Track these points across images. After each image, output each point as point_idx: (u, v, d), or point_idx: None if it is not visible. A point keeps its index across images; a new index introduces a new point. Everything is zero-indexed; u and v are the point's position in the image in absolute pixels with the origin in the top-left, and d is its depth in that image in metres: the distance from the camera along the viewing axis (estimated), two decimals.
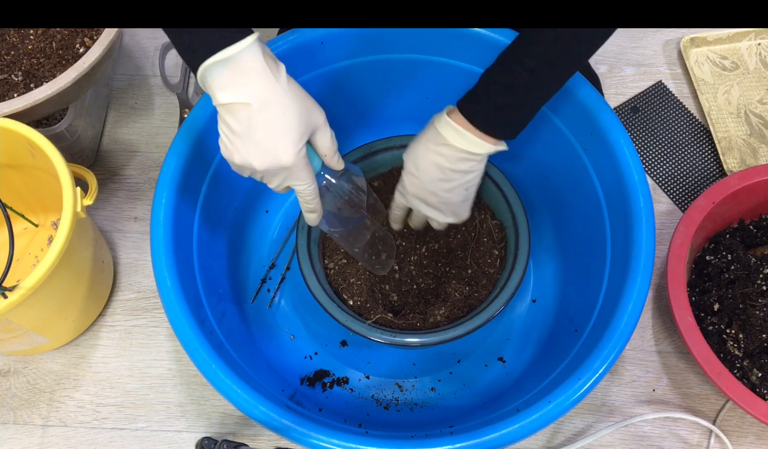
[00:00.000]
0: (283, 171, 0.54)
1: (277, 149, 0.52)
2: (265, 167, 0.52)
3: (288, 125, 0.51)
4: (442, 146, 0.60)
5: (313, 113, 0.55)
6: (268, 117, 0.50)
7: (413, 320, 0.70)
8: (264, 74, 0.50)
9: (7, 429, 0.74)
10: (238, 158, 0.53)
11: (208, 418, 0.74)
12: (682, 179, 0.88)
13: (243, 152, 0.52)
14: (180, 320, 0.60)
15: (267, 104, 0.50)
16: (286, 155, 0.52)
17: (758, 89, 0.92)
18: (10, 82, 0.75)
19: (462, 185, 0.63)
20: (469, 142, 0.59)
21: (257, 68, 0.50)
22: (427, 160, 0.62)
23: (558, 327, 0.74)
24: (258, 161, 0.52)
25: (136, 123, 0.91)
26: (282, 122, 0.51)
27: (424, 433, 0.58)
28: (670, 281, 0.69)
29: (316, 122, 0.55)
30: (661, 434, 0.73)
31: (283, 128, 0.51)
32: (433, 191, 0.64)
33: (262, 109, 0.50)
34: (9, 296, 0.59)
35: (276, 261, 0.81)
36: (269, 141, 0.51)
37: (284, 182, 0.56)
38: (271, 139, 0.51)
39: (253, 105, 0.50)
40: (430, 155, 0.62)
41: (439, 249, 0.75)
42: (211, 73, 0.49)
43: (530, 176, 0.80)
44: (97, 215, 0.85)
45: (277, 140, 0.51)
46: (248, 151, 0.52)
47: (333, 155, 0.59)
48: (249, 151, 0.52)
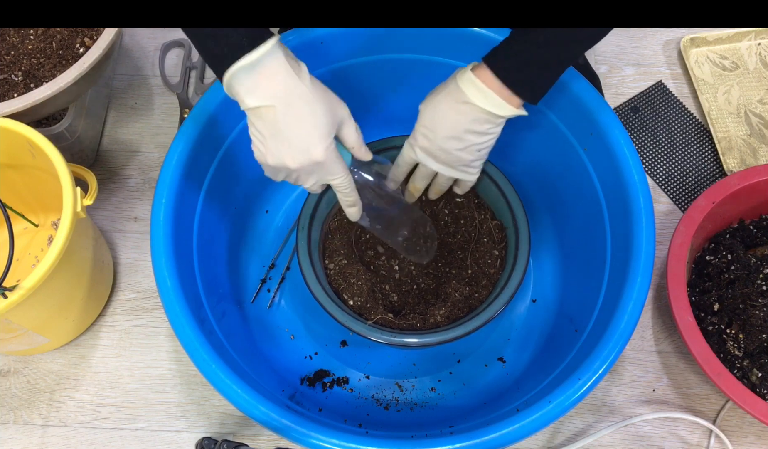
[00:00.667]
0: (316, 168, 0.55)
1: (308, 145, 0.53)
2: (299, 164, 0.53)
3: (316, 121, 0.52)
4: (462, 103, 0.59)
5: (337, 107, 0.56)
6: (296, 116, 0.52)
7: (413, 320, 0.70)
8: (287, 75, 0.51)
9: (7, 429, 0.74)
10: (271, 160, 0.54)
11: (208, 418, 0.74)
12: (682, 179, 0.88)
13: (276, 152, 0.53)
14: (180, 320, 0.60)
15: (293, 104, 0.51)
16: (317, 151, 0.53)
17: (758, 89, 0.92)
18: (10, 82, 0.75)
19: (476, 146, 0.62)
20: (491, 102, 0.57)
21: (281, 70, 0.51)
22: (444, 116, 0.60)
23: (558, 327, 0.74)
24: (291, 160, 0.53)
25: (136, 123, 0.91)
26: (310, 120, 0.52)
27: (424, 433, 0.58)
28: (670, 281, 0.69)
29: (341, 116, 0.56)
30: (661, 434, 0.73)
31: (311, 125, 0.52)
32: (445, 148, 0.62)
33: (289, 109, 0.51)
34: (9, 296, 0.59)
35: (276, 261, 0.81)
36: (299, 139, 0.52)
37: (320, 179, 0.57)
38: (301, 136, 0.52)
39: (280, 106, 0.51)
40: (448, 112, 0.60)
41: (439, 249, 0.75)
42: (237, 79, 0.50)
43: (530, 176, 0.80)
44: (97, 215, 0.85)
45: (307, 137, 0.52)
46: (280, 151, 0.53)
47: (360, 146, 0.60)
48: (281, 151, 0.53)
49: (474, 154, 0.63)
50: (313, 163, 0.54)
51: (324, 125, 0.53)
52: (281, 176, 0.57)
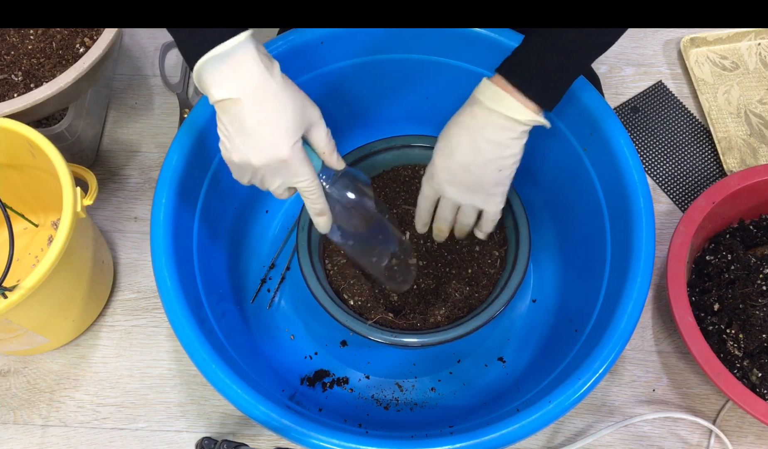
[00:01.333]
0: (281, 167, 0.53)
1: (273, 142, 0.51)
2: (263, 162, 0.52)
3: (283, 118, 0.51)
4: (478, 109, 0.57)
5: (307, 108, 0.54)
6: (263, 111, 0.50)
7: (413, 320, 0.70)
8: (257, 69, 0.50)
9: (7, 429, 0.74)
10: (236, 156, 0.53)
11: (208, 418, 0.74)
12: (682, 179, 0.88)
13: (241, 149, 0.52)
14: (180, 320, 0.60)
15: (261, 99, 0.50)
16: (282, 148, 0.52)
17: (758, 89, 0.92)
18: (10, 82, 0.75)
19: (496, 162, 0.59)
20: (506, 105, 0.56)
21: (251, 63, 0.50)
22: (460, 127, 0.59)
23: (558, 327, 0.74)
24: (255, 156, 0.52)
25: (136, 123, 0.91)
26: (277, 116, 0.51)
27: (424, 433, 0.58)
28: (670, 281, 0.69)
29: (311, 118, 0.55)
30: (661, 434, 0.73)
31: (277, 121, 0.51)
32: (463, 163, 0.60)
33: (256, 104, 0.50)
34: (9, 296, 0.59)
35: (276, 261, 0.81)
36: (264, 134, 0.51)
37: (285, 181, 0.55)
38: (266, 132, 0.51)
39: (247, 100, 0.50)
40: (464, 121, 0.59)
41: (439, 249, 0.75)
42: (206, 70, 0.50)
43: (530, 176, 0.80)
44: (97, 215, 0.85)
45: (272, 134, 0.51)
46: (245, 147, 0.52)
47: (331, 152, 0.58)
48: (246, 147, 0.52)
49: (495, 174, 0.60)
50: (278, 160, 0.52)
51: (291, 122, 0.52)
52: (247, 176, 0.55)
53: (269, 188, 0.56)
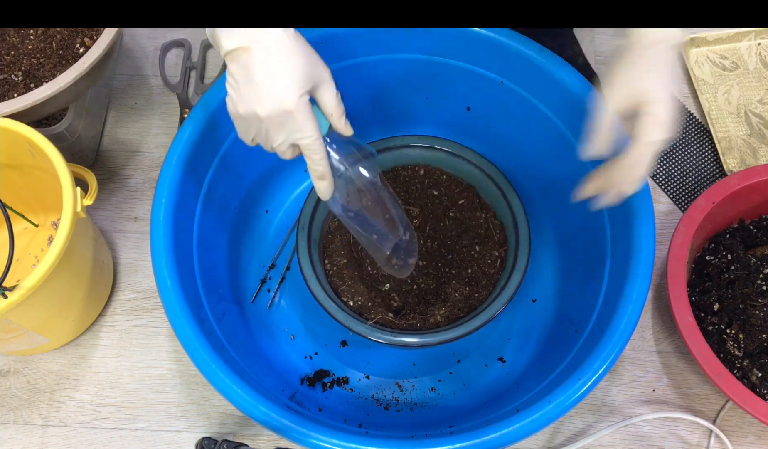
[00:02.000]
0: (286, 119, 0.52)
1: (279, 91, 0.51)
2: (268, 112, 0.51)
3: (290, 68, 0.51)
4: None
5: (318, 65, 0.54)
6: (271, 61, 0.50)
7: (413, 320, 0.70)
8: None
9: (7, 429, 0.74)
10: (242, 108, 0.52)
11: (208, 418, 0.74)
12: (682, 179, 0.88)
13: (246, 99, 0.51)
14: (180, 320, 0.60)
15: (270, 49, 0.50)
16: (288, 99, 0.51)
17: (758, 89, 0.92)
18: (10, 82, 0.75)
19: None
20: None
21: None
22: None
23: (558, 327, 0.74)
24: (261, 107, 0.51)
25: (136, 123, 0.91)
26: (285, 66, 0.51)
27: (424, 433, 0.58)
28: (670, 281, 0.69)
29: (321, 75, 0.54)
30: (661, 434, 0.73)
31: (285, 72, 0.51)
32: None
33: (265, 53, 0.50)
34: (9, 296, 0.59)
35: (276, 261, 0.81)
36: (271, 82, 0.51)
37: (289, 136, 0.54)
38: (273, 80, 0.51)
39: (257, 49, 0.50)
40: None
41: (439, 249, 0.75)
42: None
43: (530, 176, 0.80)
44: (97, 215, 0.85)
45: (279, 84, 0.51)
46: (251, 97, 0.51)
47: (340, 116, 0.57)
48: (252, 97, 0.51)
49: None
50: (283, 111, 0.51)
51: (299, 75, 0.51)
52: (252, 131, 0.54)
53: (273, 145, 0.55)
